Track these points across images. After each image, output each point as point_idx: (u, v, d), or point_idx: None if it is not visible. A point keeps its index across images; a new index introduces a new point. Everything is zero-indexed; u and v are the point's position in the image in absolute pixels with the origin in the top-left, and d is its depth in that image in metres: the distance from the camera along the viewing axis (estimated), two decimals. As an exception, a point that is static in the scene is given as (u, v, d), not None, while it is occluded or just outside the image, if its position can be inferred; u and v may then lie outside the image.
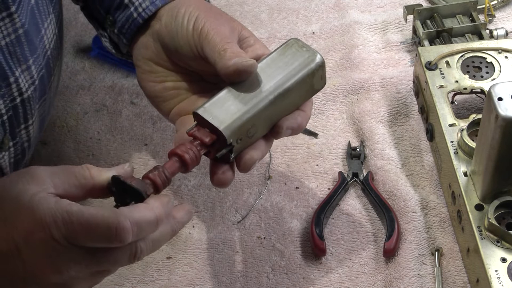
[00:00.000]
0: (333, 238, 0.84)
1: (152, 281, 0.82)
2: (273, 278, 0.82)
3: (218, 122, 0.67)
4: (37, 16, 0.76)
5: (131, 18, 0.79)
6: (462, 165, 0.81)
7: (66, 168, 0.62)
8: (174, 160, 0.66)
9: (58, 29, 0.82)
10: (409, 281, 0.79)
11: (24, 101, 0.75)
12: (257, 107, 0.69)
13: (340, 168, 0.90)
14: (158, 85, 0.78)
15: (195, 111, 0.68)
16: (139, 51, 0.79)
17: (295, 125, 0.71)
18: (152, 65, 0.78)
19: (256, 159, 0.70)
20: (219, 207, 0.88)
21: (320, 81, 0.73)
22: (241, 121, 0.68)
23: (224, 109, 0.68)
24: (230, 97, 0.69)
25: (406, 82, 0.97)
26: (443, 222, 0.84)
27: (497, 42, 0.93)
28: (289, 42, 0.73)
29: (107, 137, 0.96)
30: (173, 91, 0.77)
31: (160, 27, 0.77)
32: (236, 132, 0.67)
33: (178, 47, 0.75)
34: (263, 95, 0.69)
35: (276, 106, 0.70)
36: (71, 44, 1.08)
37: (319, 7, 1.11)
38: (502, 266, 0.73)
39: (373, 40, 1.05)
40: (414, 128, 0.93)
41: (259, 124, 0.69)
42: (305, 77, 0.71)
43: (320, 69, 0.72)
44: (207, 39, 0.71)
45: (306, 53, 0.72)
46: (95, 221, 0.58)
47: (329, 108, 0.97)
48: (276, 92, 0.69)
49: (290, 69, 0.71)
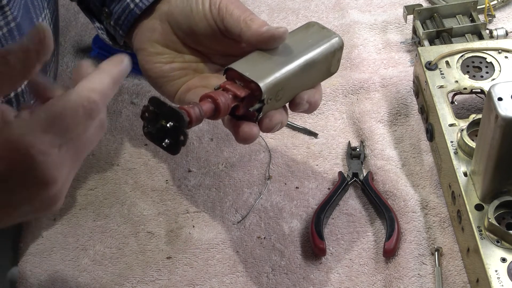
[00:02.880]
0: (333, 238, 0.84)
1: (152, 281, 0.82)
2: (273, 278, 0.82)
3: (255, 76, 0.67)
4: (31, 10, 0.76)
5: (127, 9, 0.79)
6: (462, 165, 0.81)
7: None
8: (207, 101, 0.66)
9: (53, 25, 0.82)
10: (409, 281, 0.79)
11: (17, 95, 0.75)
12: (288, 71, 0.70)
13: (340, 168, 0.90)
14: (165, 66, 0.78)
15: (229, 66, 0.69)
16: (144, 34, 0.79)
17: (313, 99, 0.73)
18: (159, 47, 0.78)
19: (280, 120, 0.71)
20: (219, 207, 0.88)
21: (336, 64, 0.76)
22: (275, 79, 0.68)
23: (258, 67, 0.69)
24: (262, 58, 0.70)
25: (406, 82, 0.97)
26: (443, 222, 0.84)
27: (497, 42, 0.93)
28: (310, 23, 0.76)
29: (107, 137, 0.96)
30: (181, 71, 0.78)
31: (170, 8, 0.77)
32: (270, 90, 0.68)
33: (193, 24, 0.75)
34: (292, 62, 0.70)
35: (302, 76, 0.71)
36: (71, 44, 1.08)
37: (319, 7, 1.11)
38: (502, 266, 0.73)
39: (373, 40, 1.05)
40: (414, 128, 0.93)
41: (287, 89, 0.70)
42: (328, 53, 0.73)
43: (340, 51, 0.75)
44: (228, 12, 0.73)
45: (328, 33, 0.74)
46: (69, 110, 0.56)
47: (329, 108, 0.97)
48: (303, 60, 0.71)
49: (315, 43, 0.73)
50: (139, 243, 0.86)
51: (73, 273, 0.83)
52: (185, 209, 0.88)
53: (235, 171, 0.91)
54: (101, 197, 0.90)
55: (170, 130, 0.62)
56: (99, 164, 0.93)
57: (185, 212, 0.88)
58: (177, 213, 0.88)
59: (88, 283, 0.83)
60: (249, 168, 0.91)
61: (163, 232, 0.86)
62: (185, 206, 0.88)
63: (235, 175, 0.91)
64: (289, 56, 0.71)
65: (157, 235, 0.86)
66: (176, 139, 0.62)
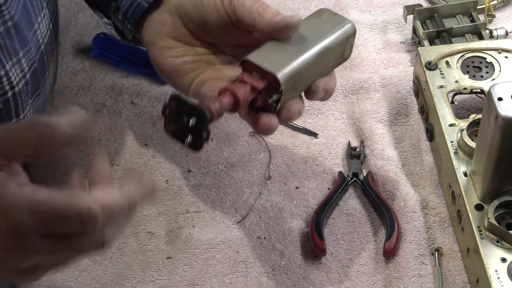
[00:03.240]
0: (333, 238, 0.84)
1: (152, 281, 0.82)
2: (273, 278, 0.82)
3: (273, 68, 0.67)
4: (29, 10, 0.76)
5: (135, 3, 0.79)
6: (462, 165, 0.81)
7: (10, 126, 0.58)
8: (226, 94, 0.65)
9: (52, 25, 0.82)
10: (409, 281, 0.79)
11: (15, 94, 0.75)
12: (304, 60, 0.69)
13: (340, 168, 0.90)
14: (177, 59, 0.78)
15: (245, 58, 0.68)
16: (154, 28, 0.79)
17: (329, 87, 0.73)
18: (170, 41, 0.78)
19: (298, 110, 0.71)
20: (219, 207, 0.88)
21: (349, 49, 0.75)
22: (293, 69, 0.68)
23: (274, 58, 0.68)
24: (277, 48, 0.70)
25: (406, 82, 0.97)
26: (443, 222, 0.84)
27: (497, 42, 0.93)
28: (321, 10, 0.75)
29: (107, 137, 0.96)
30: (193, 64, 0.77)
31: (180, 0, 0.77)
32: (288, 80, 0.68)
33: (204, 16, 0.75)
34: (307, 50, 0.70)
35: (317, 63, 0.71)
36: (71, 44, 1.08)
37: (319, 7, 1.10)
38: (502, 266, 0.73)
39: (373, 40, 1.05)
40: (414, 128, 0.93)
41: (303, 78, 0.70)
42: (341, 40, 0.73)
43: (353, 36, 0.74)
44: (240, 2, 0.73)
45: (340, 19, 0.74)
46: (65, 209, 0.54)
47: (329, 108, 0.97)
48: (318, 48, 0.71)
49: (328, 30, 0.72)
50: (139, 243, 0.86)
51: (73, 273, 0.83)
52: (185, 209, 0.88)
53: (235, 171, 0.91)
54: (101, 197, 0.90)
55: (193, 128, 0.61)
56: (99, 164, 0.93)
57: (185, 212, 0.88)
58: (177, 213, 0.88)
59: (88, 283, 0.83)
60: (249, 168, 0.91)
61: (163, 232, 0.86)
62: (185, 206, 0.88)
63: (235, 175, 0.91)
64: (304, 44, 0.70)
65: (157, 235, 0.86)
66: (199, 135, 0.62)
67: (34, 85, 0.78)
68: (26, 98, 0.77)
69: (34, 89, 0.79)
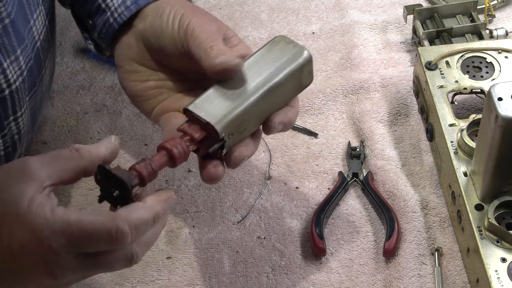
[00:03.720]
0: (333, 238, 0.84)
1: (152, 281, 0.82)
2: (273, 278, 0.82)
3: (210, 117, 0.67)
4: (25, 7, 0.76)
5: (107, 23, 0.79)
6: (462, 165, 0.81)
7: (55, 155, 0.62)
8: (162, 153, 0.66)
9: (48, 22, 0.82)
10: (409, 281, 0.79)
11: (12, 92, 0.75)
12: (248, 102, 0.68)
13: (340, 168, 0.90)
14: (140, 85, 0.78)
15: (185, 107, 0.68)
16: (122, 51, 0.79)
17: (286, 119, 0.71)
18: (135, 65, 0.78)
19: (245, 155, 0.70)
20: (219, 207, 0.88)
21: (308, 77, 0.74)
22: (232, 115, 0.67)
23: (215, 104, 0.68)
24: (220, 93, 0.69)
25: (406, 82, 0.97)
26: (443, 222, 0.84)
27: (497, 42, 0.93)
28: (275, 39, 0.73)
29: (107, 137, 0.96)
30: (156, 90, 0.77)
31: (145, 26, 0.76)
32: (228, 127, 0.67)
33: (163, 46, 0.74)
34: (253, 90, 0.69)
35: (266, 101, 0.70)
36: (71, 44, 1.08)
37: (319, 7, 1.11)
38: (502, 266, 0.73)
39: (373, 40, 1.05)
40: (414, 128, 0.93)
41: (250, 119, 0.69)
42: (293, 72, 0.71)
43: (308, 64, 0.72)
44: (193, 36, 0.71)
45: (294, 48, 0.72)
46: (94, 228, 0.58)
47: (329, 108, 0.97)
48: (265, 86, 0.69)
49: (278, 64, 0.71)
50: (139, 243, 0.86)
51: (73, 273, 0.83)
52: (185, 209, 0.88)
53: (235, 171, 0.91)
54: (101, 197, 0.90)
55: (118, 198, 0.62)
56: (99, 164, 0.93)
57: (185, 212, 0.88)
58: (177, 213, 0.88)
59: (88, 283, 0.82)
60: (249, 168, 0.91)
61: (163, 232, 0.86)
62: (185, 206, 0.88)
63: (235, 175, 0.91)
64: (250, 84, 0.69)
65: (157, 235, 0.86)
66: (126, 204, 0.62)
67: (31, 82, 0.78)
68: (23, 96, 0.77)
69: (31, 86, 0.79)
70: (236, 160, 0.69)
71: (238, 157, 0.69)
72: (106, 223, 0.58)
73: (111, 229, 0.58)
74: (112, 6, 0.79)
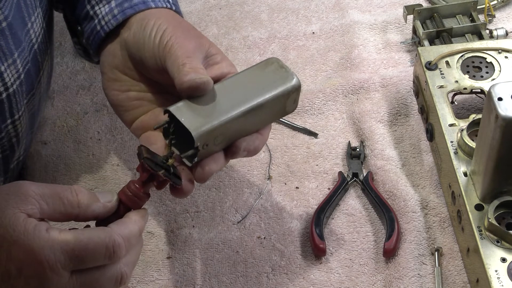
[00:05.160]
0: (333, 238, 0.84)
1: (152, 281, 0.82)
2: (273, 278, 0.82)
3: (189, 123, 0.67)
4: (23, 9, 0.76)
5: (95, 30, 0.80)
6: (462, 165, 0.81)
7: (56, 192, 0.63)
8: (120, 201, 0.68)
9: (46, 24, 0.82)
10: (409, 281, 0.79)
11: (9, 95, 0.75)
12: (228, 116, 0.68)
13: (340, 168, 0.90)
14: (122, 94, 0.78)
15: (167, 108, 0.68)
16: (106, 58, 0.79)
17: (252, 147, 0.72)
18: (118, 74, 0.78)
19: (214, 171, 0.70)
20: (219, 207, 0.88)
21: (293, 105, 0.74)
22: (210, 126, 0.67)
23: (196, 112, 0.68)
24: (203, 102, 0.69)
25: (406, 82, 0.97)
26: (443, 222, 0.84)
27: (497, 42, 0.93)
28: (269, 60, 0.73)
29: (107, 137, 0.96)
30: (137, 101, 0.77)
31: (129, 35, 0.77)
32: (204, 137, 0.67)
33: (143, 58, 0.75)
34: (235, 105, 0.69)
35: (246, 119, 0.70)
36: (71, 44, 1.08)
37: (319, 7, 1.11)
38: (502, 266, 0.73)
39: (373, 40, 1.05)
40: (414, 128, 0.93)
41: (227, 133, 0.69)
42: (279, 97, 0.71)
43: (295, 92, 0.73)
44: (170, 53, 0.71)
45: (285, 73, 0.72)
46: (93, 243, 0.61)
47: (329, 108, 0.97)
48: (248, 104, 0.69)
49: (266, 85, 0.71)
50: (139, 243, 0.86)
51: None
52: (185, 209, 0.88)
53: (235, 171, 0.91)
54: (101, 197, 0.90)
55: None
56: (99, 164, 0.93)
57: (185, 212, 0.88)
58: (177, 213, 0.88)
59: (88, 283, 0.82)
60: (249, 168, 0.91)
61: (163, 232, 0.86)
62: (185, 206, 0.88)
63: (235, 175, 0.91)
64: (234, 99, 0.69)
65: (157, 235, 0.86)
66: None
67: (29, 85, 0.78)
68: (20, 99, 0.77)
69: (29, 89, 0.78)
70: (204, 175, 0.69)
71: (207, 173, 0.69)
72: (104, 238, 0.61)
73: (108, 243, 0.61)
74: (100, 13, 0.79)
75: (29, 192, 0.61)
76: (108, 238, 0.61)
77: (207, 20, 1.10)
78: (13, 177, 0.83)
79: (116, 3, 0.79)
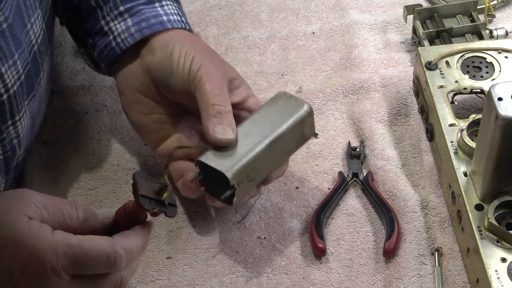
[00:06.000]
0: (333, 238, 0.84)
1: (152, 281, 0.82)
2: (273, 278, 0.82)
3: (220, 166, 0.72)
4: (23, 11, 0.76)
5: (109, 46, 0.81)
6: (462, 165, 0.81)
7: (57, 204, 0.64)
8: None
9: (46, 25, 0.82)
10: (409, 281, 0.79)
11: (10, 97, 0.75)
12: (255, 152, 0.74)
13: (340, 168, 0.90)
14: (144, 117, 0.81)
15: (198, 159, 0.74)
16: (127, 80, 0.81)
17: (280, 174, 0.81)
18: (139, 96, 0.80)
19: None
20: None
21: (310, 130, 0.80)
22: (241, 164, 0.73)
23: (225, 155, 0.73)
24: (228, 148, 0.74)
25: (406, 82, 0.97)
26: (443, 222, 0.84)
27: (497, 42, 0.93)
28: (277, 94, 0.79)
29: (107, 137, 0.96)
30: (159, 125, 0.81)
31: (153, 60, 0.79)
32: (238, 175, 0.73)
33: (172, 84, 0.78)
34: (258, 141, 0.75)
35: (271, 152, 0.76)
36: (71, 44, 1.08)
37: (319, 7, 1.11)
38: (502, 266, 0.73)
39: (373, 40, 1.05)
40: (414, 128, 0.93)
41: (258, 168, 0.75)
42: (295, 124, 0.77)
43: (310, 117, 0.78)
44: (199, 84, 0.75)
45: (295, 103, 0.78)
46: (96, 251, 0.61)
47: (329, 108, 0.97)
48: (270, 137, 0.76)
49: (281, 117, 0.77)
50: (139, 243, 0.86)
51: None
52: (185, 209, 0.88)
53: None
54: (101, 197, 0.90)
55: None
56: (99, 164, 0.93)
57: (185, 212, 0.88)
58: (177, 213, 0.88)
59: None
60: (249, 168, 0.91)
61: (163, 232, 0.86)
62: (185, 206, 0.88)
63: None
64: (256, 136, 0.75)
65: (157, 235, 0.86)
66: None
67: (29, 86, 0.78)
68: (21, 100, 0.77)
69: (29, 90, 0.78)
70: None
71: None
72: (106, 248, 0.62)
73: (110, 253, 0.62)
74: (115, 30, 0.80)
75: (31, 199, 0.62)
76: (110, 248, 0.62)
77: (207, 20, 1.10)
78: (15, 177, 0.83)
79: (133, 22, 0.80)
